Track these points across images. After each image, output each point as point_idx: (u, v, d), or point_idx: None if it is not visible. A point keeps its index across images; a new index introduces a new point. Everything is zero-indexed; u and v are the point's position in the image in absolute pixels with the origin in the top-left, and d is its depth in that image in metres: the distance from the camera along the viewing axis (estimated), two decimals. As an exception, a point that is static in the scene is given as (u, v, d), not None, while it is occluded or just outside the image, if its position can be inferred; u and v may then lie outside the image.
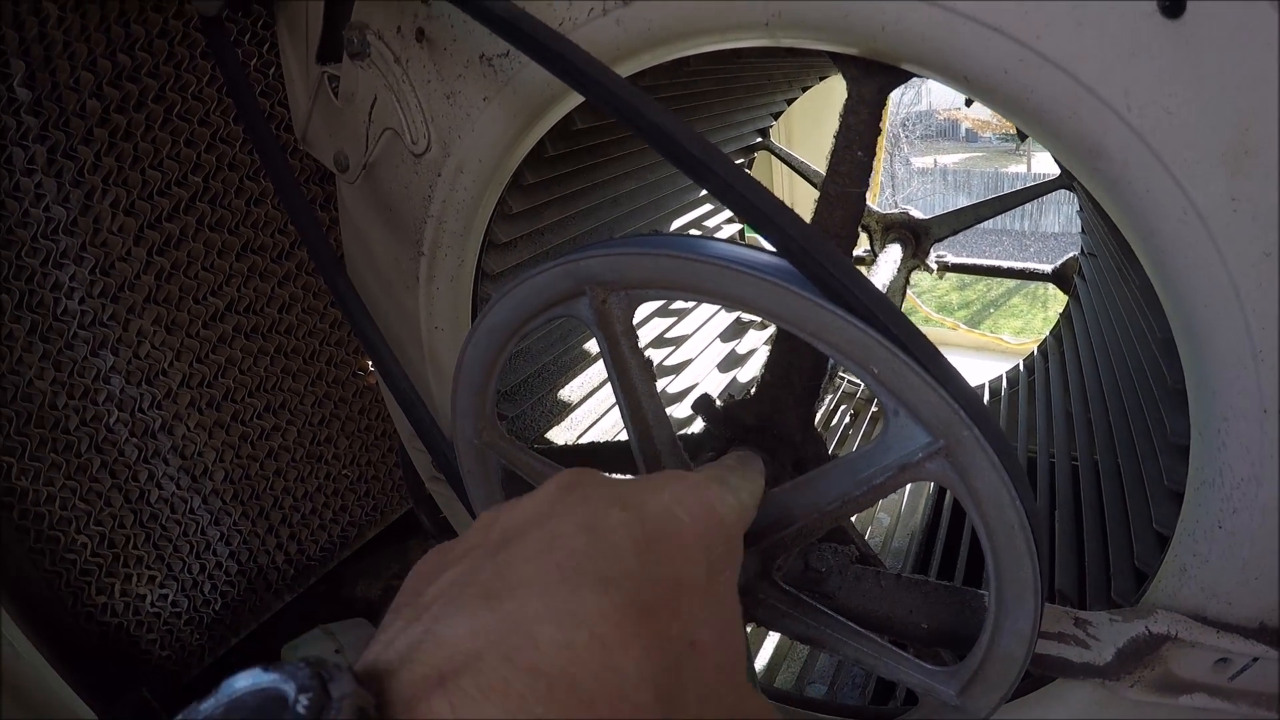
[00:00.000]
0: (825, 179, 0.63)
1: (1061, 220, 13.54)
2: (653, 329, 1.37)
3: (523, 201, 0.87)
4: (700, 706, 0.30)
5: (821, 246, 0.47)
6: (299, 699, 0.24)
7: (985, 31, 0.54)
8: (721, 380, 1.47)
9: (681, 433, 0.74)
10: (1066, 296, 1.57)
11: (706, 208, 1.57)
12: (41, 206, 1.10)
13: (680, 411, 1.32)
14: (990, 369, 1.76)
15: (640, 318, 1.35)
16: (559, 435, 1.10)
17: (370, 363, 1.29)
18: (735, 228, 1.72)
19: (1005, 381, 1.61)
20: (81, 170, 1.12)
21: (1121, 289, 1.02)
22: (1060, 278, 1.59)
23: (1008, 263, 1.75)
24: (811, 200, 0.68)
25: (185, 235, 1.25)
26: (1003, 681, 0.59)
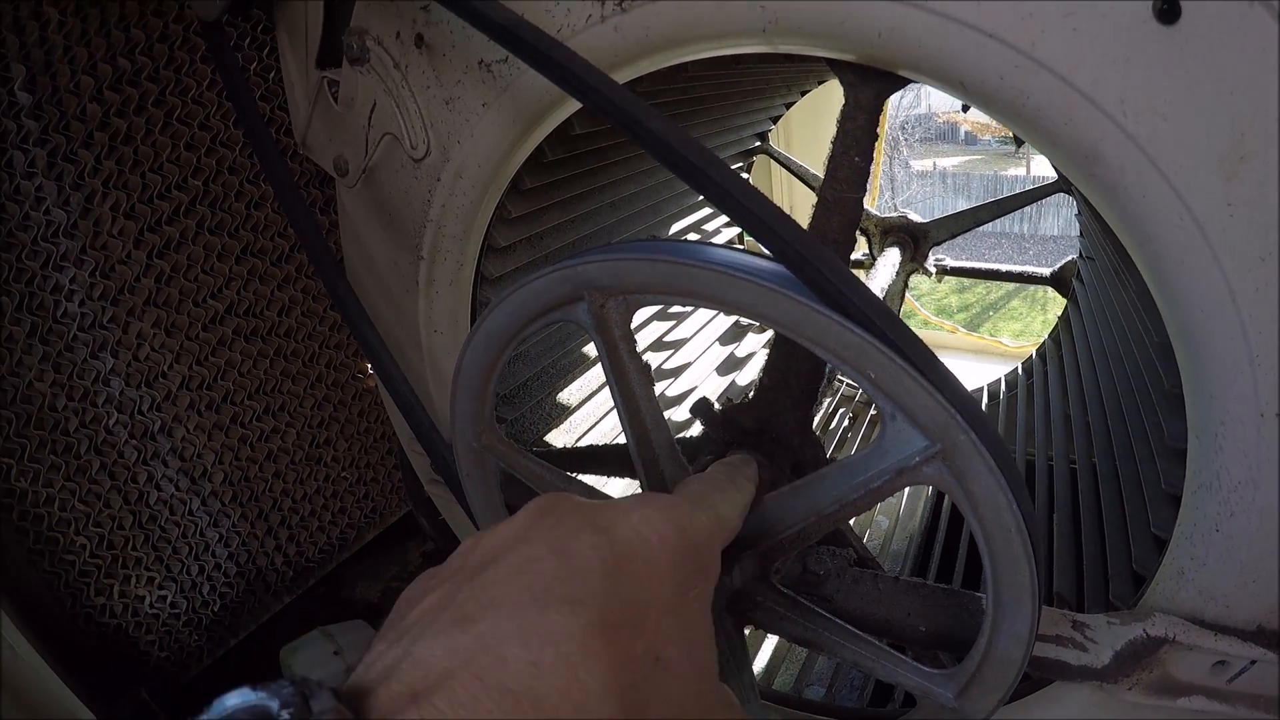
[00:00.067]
0: (823, 184, 0.64)
1: (1061, 223, 13.55)
2: (652, 332, 1.37)
3: (522, 206, 0.87)
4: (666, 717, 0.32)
5: (819, 252, 0.47)
6: (282, 714, 0.26)
7: (981, 38, 0.55)
8: (720, 383, 1.47)
9: (680, 436, 0.74)
10: (1065, 300, 1.57)
11: (705, 211, 1.57)
12: (42, 210, 1.10)
13: (679, 415, 1.32)
14: (989, 372, 1.76)
15: (639, 321, 1.36)
16: (558, 438, 1.10)
17: (369, 366, 1.29)
18: (735, 230, 1.73)
19: (1004, 385, 1.61)
20: (82, 174, 1.12)
21: (1119, 293, 1.03)
22: (1059, 281, 1.59)
23: (1006, 266, 1.75)
24: (810, 204, 0.68)
25: (185, 238, 1.25)
26: (1000, 684, 0.59)
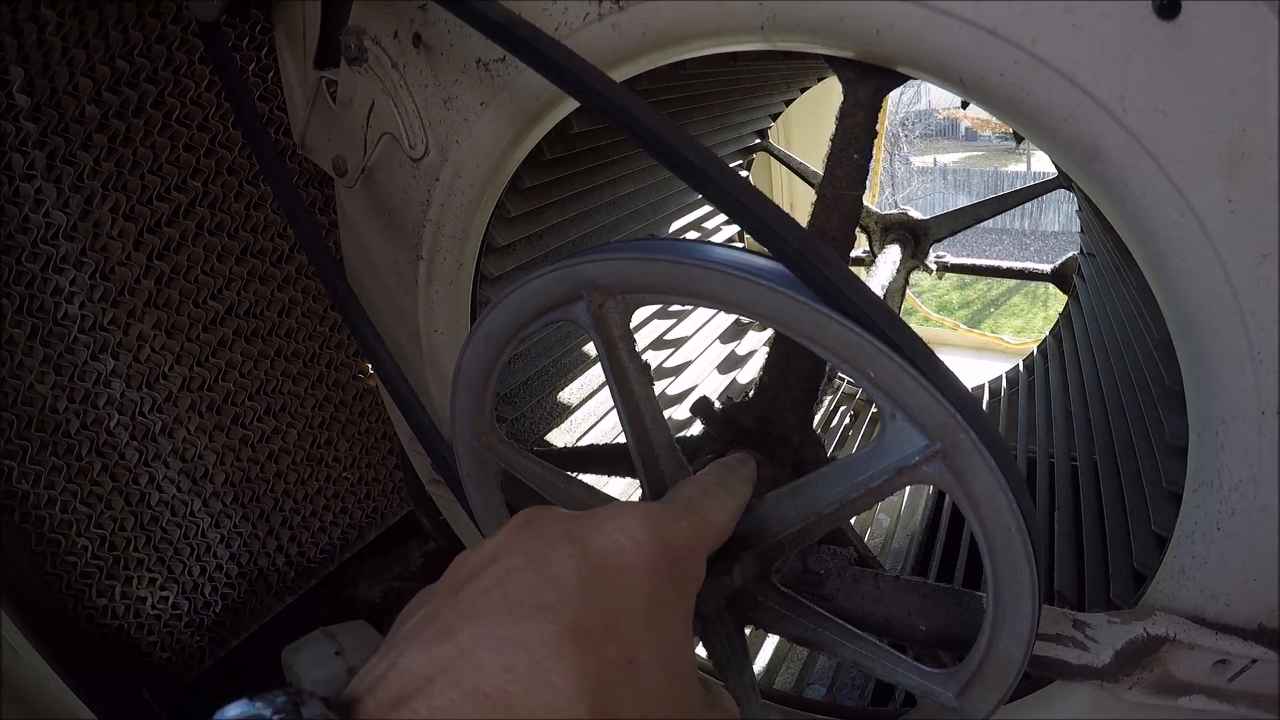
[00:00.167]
0: (822, 182, 0.63)
1: (1061, 219, 13.53)
2: (652, 331, 1.37)
3: (521, 205, 0.87)
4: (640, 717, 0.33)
5: (818, 251, 0.47)
6: (274, 719, 0.28)
7: (980, 34, 0.54)
8: (721, 382, 1.47)
9: (681, 435, 0.74)
10: (1066, 296, 1.57)
11: (705, 210, 1.57)
12: (41, 212, 1.10)
13: (680, 413, 1.32)
14: (990, 369, 1.76)
15: (639, 320, 1.36)
16: (558, 438, 1.10)
17: (370, 366, 1.29)
18: (735, 228, 1.72)
19: (1005, 382, 1.61)
20: (81, 175, 1.12)
21: (1120, 289, 1.02)
22: (1059, 277, 1.59)
23: (1007, 263, 1.74)
24: (810, 201, 0.68)
25: (185, 240, 1.25)
26: (1001, 683, 0.59)
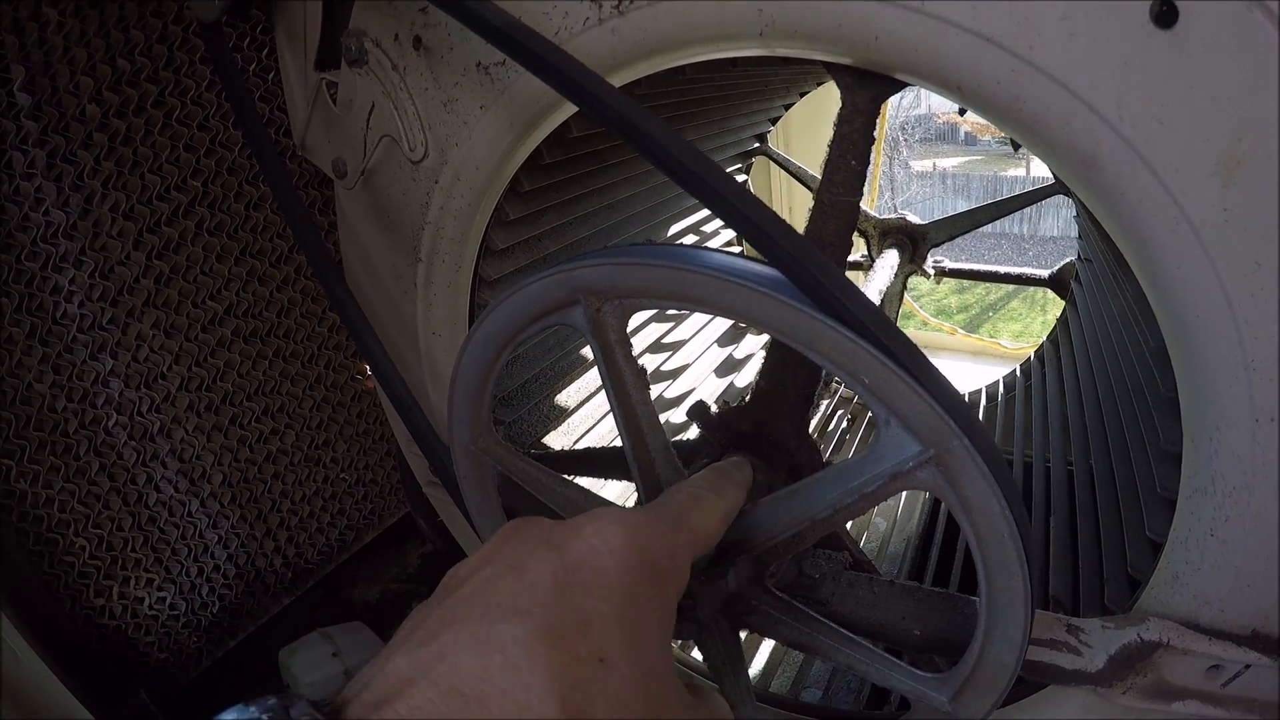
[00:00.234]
0: (820, 187, 0.64)
1: (1060, 224, 13.53)
2: (650, 334, 1.37)
3: (520, 208, 0.88)
4: (610, 715, 0.34)
5: (814, 258, 0.47)
6: (262, 718, 0.30)
7: (978, 42, 0.54)
8: (719, 385, 1.47)
9: (678, 439, 0.75)
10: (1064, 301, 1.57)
11: (704, 213, 1.57)
12: (41, 211, 1.10)
13: (678, 417, 1.32)
14: (988, 374, 1.77)
15: (638, 322, 1.36)
16: (556, 440, 1.10)
17: (368, 367, 1.30)
18: (733, 232, 1.73)
19: (1002, 387, 1.61)
20: (81, 175, 1.12)
21: (1116, 296, 1.03)
22: (1057, 283, 1.59)
23: (1004, 268, 1.75)
24: (809, 205, 0.68)
25: (184, 239, 1.25)
26: (994, 688, 0.59)
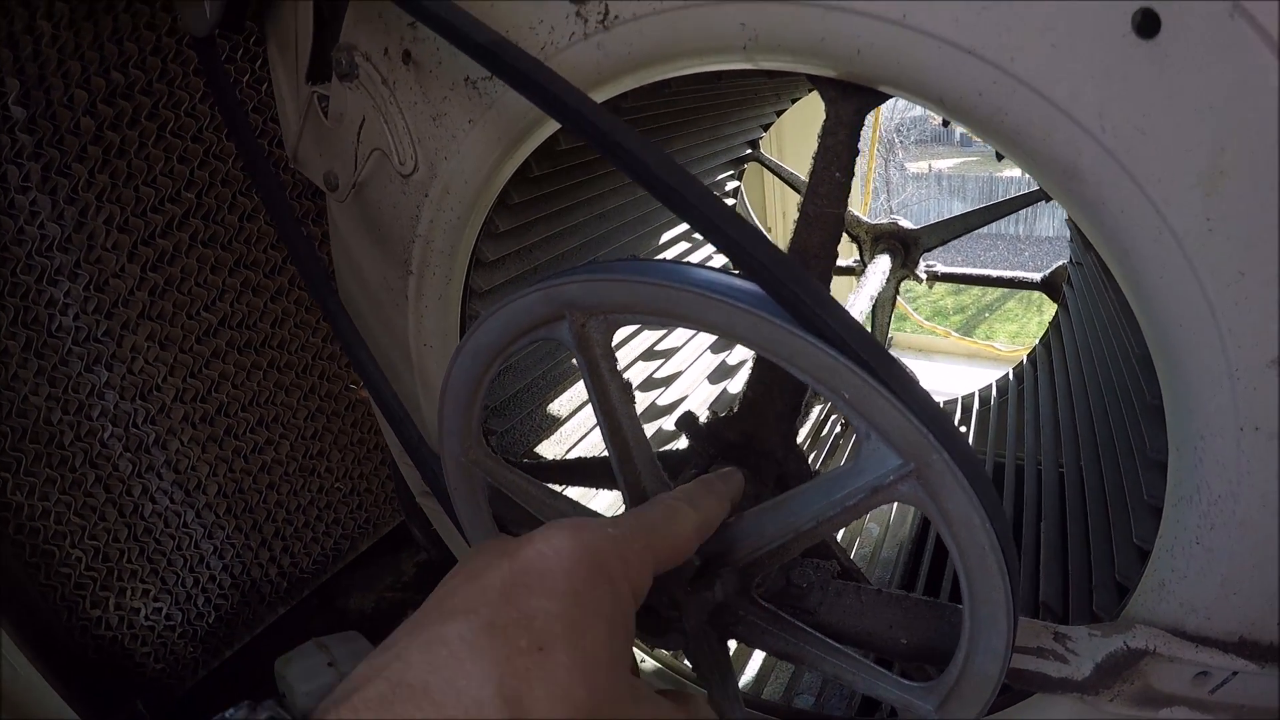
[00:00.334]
0: (804, 199, 0.64)
1: (1056, 224, 13.49)
2: (643, 341, 1.37)
3: (509, 221, 0.88)
4: (550, 704, 0.35)
5: (794, 274, 0.48)
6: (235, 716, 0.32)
7: (959, 54, 0.54)
8: (712, 392, 1.48)
9: (667, 448, 0.75)
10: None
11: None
12: (36, 224, 1.11)
13: (670, 424, 1.32)
14: (982, 377, 1.77)
15: (630, 330, 1.36)
16: (548, 449, 1.10)
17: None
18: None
19: (995, 390, 1.62)
20: (75, 187, 1.13)
21: (1104, 301, 1.03)
22: (1049, 286, 1.59)
23: (997, 272, 1.75)
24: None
25: (179, 251, 1.26)
26: (979, 697, 0.59)
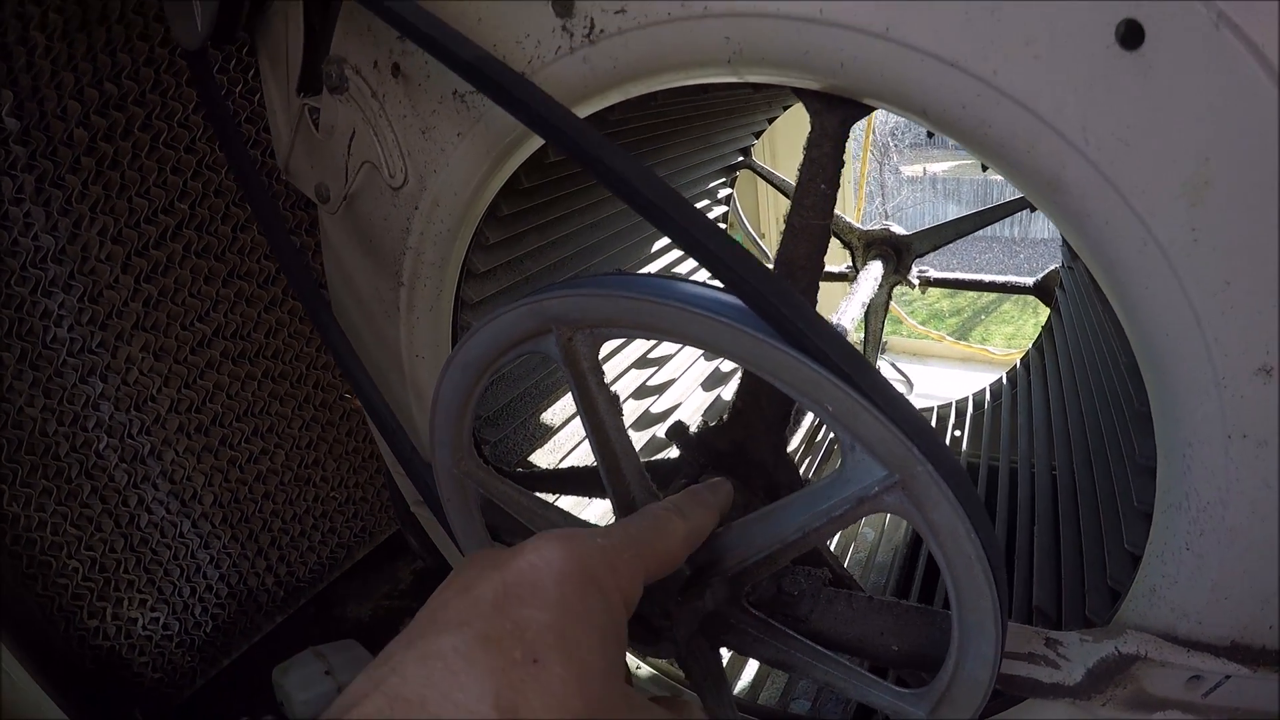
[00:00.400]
0: (790, 211, 0.64)
1: (1051, 226, 13.24)
2: (636, 349, 1.38)
3: (500, 232, 0.88)
4: (546, 714, 0.36)
5: (775, 288, 0.48)
6: None
7: (942, 67, 0.54)
8: (705, 399, 1.48)
9: (661, 456, 0.75)
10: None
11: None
12: (30, 235, 1.11)
13: (664, 431, 1.32)
14: (977, 380, 1.77)
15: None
16: (542, 458, 1.11)
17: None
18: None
19: (989, 394, 1.62)
20: (69, 198, 1.13)
21: (1094, 307, 1.03)
22: (1042, 290, 1.59)
23: (989, 277, 1.76)
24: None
25: (173, 262, 1.26)
26: (970, 704, 0.59)
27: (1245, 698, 0.67)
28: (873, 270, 1.62)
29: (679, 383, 1.42)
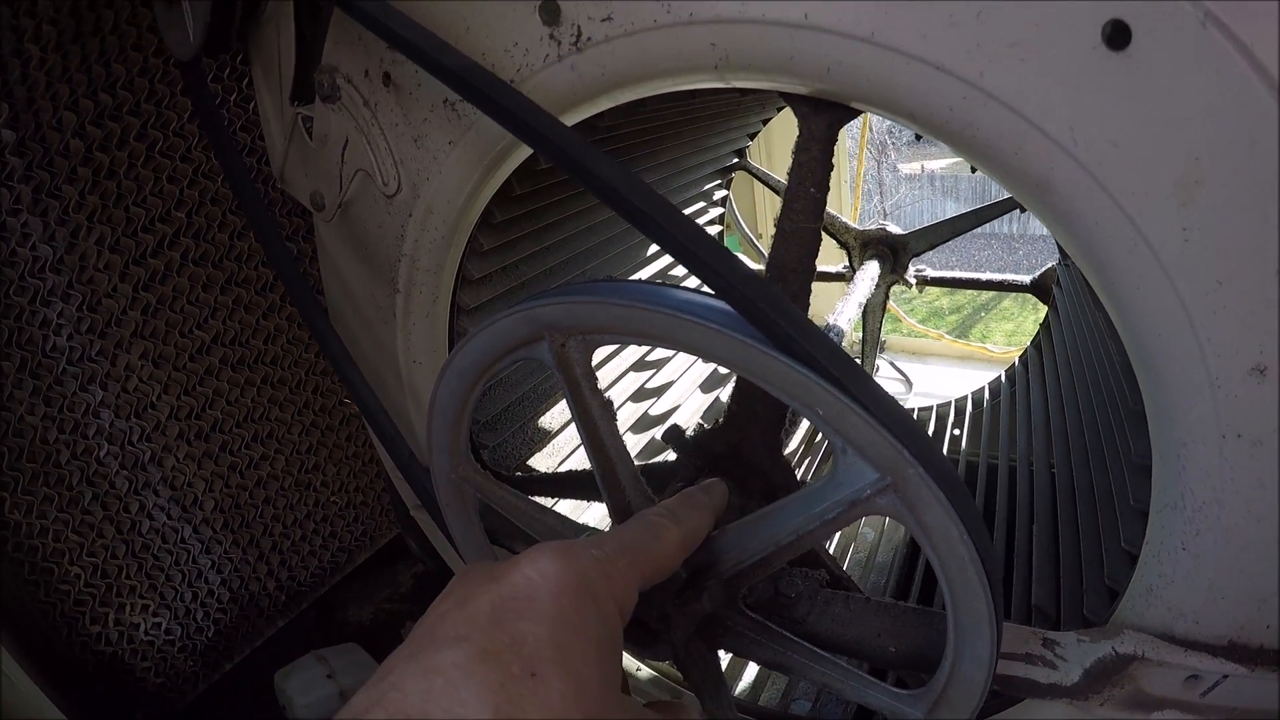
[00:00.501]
0: (780, 215, 0.65)
1: (1049, 223, 13.41)
2: (634, 352, 1.38)
3: (493, 239, 0.88)
4: None
5: (764, 293, 0.48)
6: None
7: (929, 70, 0.54)
8: (704, 401, 1.48)
9: (656, 460, 0.75)
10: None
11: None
12: (28, 245, 1.11)
13: (662, 434, 1.32)
14: (976, 379, 1.77)
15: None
16: (541, 462, 1.11)
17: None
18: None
19: (988, 392, 1.62)
20: (66, 209, 1.14)
21: (1089, 306, 1.03)
22: (1039, 289, 1.59)
23: (987, 275, 1.75)
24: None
25: (170, 270, 1.27)
26: (967, 704, 0.59)
27: (1243, 697, 0.67)
28: (869, 270, 1.62)
29: (677, 385, 1.42)
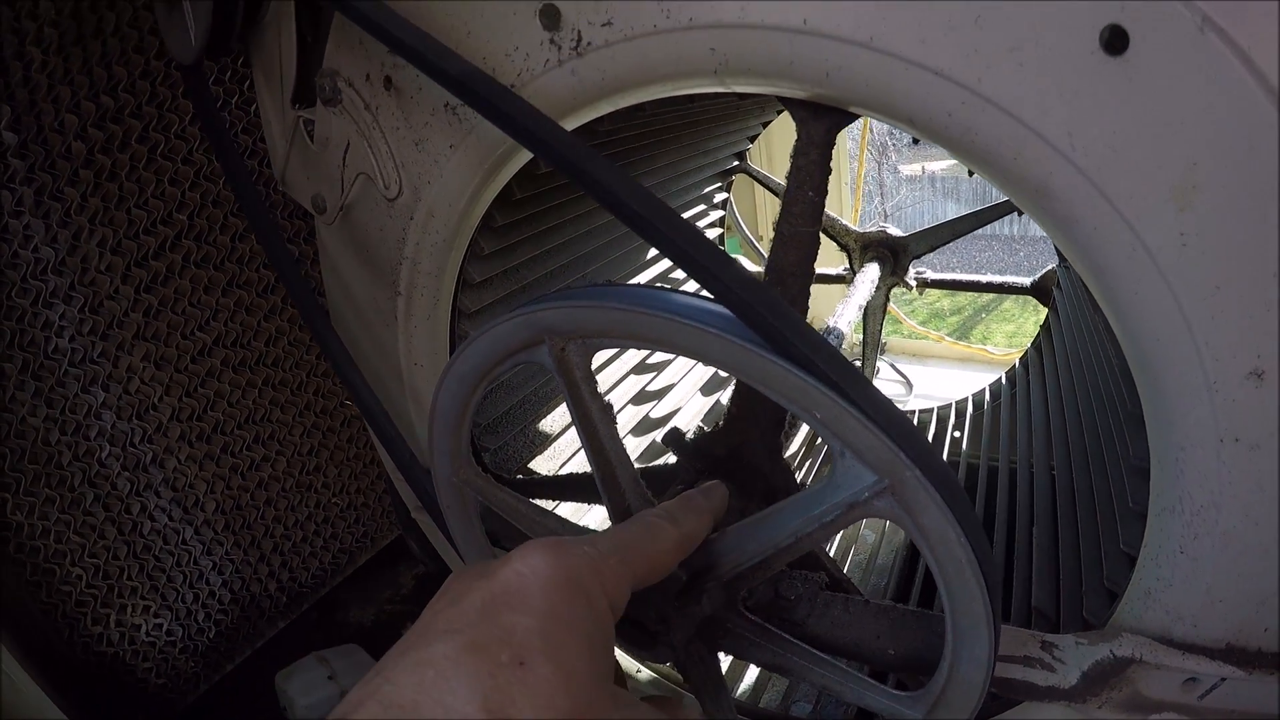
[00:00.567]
0: (779, 219, 0.65)
1: (1050, 224, 13.40)
2: (634, 354, 1.38)
3: (494, 242, 0.89)
4: (534, 714, 0.37)
5: (762, 297, 0.48)
6: None
7: (927, 75, 0.54)
8: (705, 403, 1.48)
9: (657, 463, 0.76)
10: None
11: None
12: (30, 247, 1.12)
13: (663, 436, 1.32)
14: (977, 380, 1.77)
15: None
16: (541, 465, 1.11)
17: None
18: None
19: (989, 394, 1.62)
20: (68, 211, 1.14)
21: (1088, 308, 1.03)
22: (1039, 291, 1.59)
23: (987, 277, 1.76)
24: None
25: (172, 272, 1.27)
26: (965, 706, 0.59)
27: (1241, 700, 0.67)
28: (870, 272, 1.62)
29: (678, 388, 1.43)
